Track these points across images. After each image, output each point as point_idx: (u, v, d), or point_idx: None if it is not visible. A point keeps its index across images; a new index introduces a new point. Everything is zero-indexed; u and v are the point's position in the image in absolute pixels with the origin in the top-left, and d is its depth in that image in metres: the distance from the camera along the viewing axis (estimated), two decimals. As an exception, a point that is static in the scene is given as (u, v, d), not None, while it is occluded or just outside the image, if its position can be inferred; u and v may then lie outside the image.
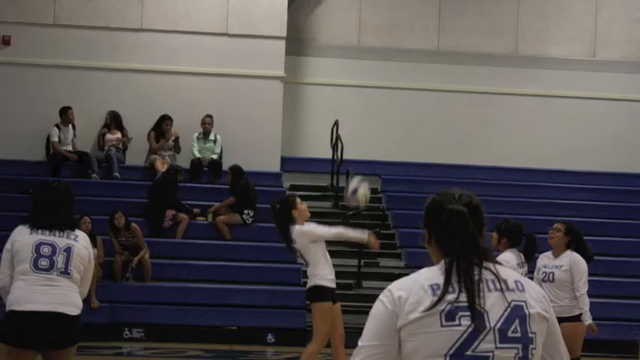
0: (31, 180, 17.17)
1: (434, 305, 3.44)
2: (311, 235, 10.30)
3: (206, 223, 17.78)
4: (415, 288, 3.50)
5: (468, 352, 3.42)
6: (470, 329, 3.43)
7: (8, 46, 18.80)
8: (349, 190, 10.91)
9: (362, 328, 3.54)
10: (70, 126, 18.52)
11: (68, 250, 7.05)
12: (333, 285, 10.46)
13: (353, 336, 4.83)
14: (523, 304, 3.52)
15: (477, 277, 3.49)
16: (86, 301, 8.48)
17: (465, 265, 3.51)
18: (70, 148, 18.49)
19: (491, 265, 3.56)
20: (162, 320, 16.06)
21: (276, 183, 19.02)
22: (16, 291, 6.96)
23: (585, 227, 12.33)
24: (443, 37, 20.63)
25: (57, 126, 18.37)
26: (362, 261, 17.20)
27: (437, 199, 3.66)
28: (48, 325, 6.91)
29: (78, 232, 7.22)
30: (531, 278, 8.93)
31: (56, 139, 18.32)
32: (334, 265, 10.68)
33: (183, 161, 18.76)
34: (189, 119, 18.81)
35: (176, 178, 17.70)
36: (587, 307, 10.26)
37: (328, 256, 10.48)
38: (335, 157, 19.00)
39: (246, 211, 17.67)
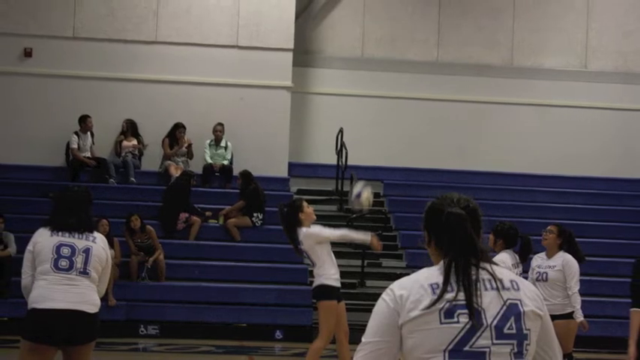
0: (52, 185, 17.20)
1: (433, 303, 3.44)
2: (317, 236, 10.29)
3: (217, 225, 17.77)
4: (416, 287, 3.50)
5: (466, 348, 3.42)
6: (468, 326, 3.43)
7: (30, 57, 18.82)
8: (353, 194, 10.91)
9: (365, 325, 3.54)
10: (89, 133, 18.53)
11: (87, 251, 7.05)
12: (338, 284, 10.44)
13: (357, 333, 4.83)
14: (518, 302, 3.52)
15: (474, 277, 3.50)
16: (104, 299, 8.47)
17: (463, 265, 3.51)
18: (88, 154, 18.50)
19: (487, 266, 3.56)
20: (176, 317, 16.06)
21: (283, 187, 19.02)
22: (38, 290, 6.96)
23: (577, 229, 12.30)
24: (442, 50, 20.63)
25: (76, 133, 18.38)
26: (365, 261, 17.18)
27: (436, 203, 3.66)
28: (68, 323, 6.90)
29: (96, 233, 7.22)
30: (526, 278, 8.92)
31: (75, 146, 18.33)
32: (339, 266, 10.67)
33: (196, 167, 18.77)
34: (201, 127, 18.82)
35: (189, 182, 17.70)
36: (578, 305, 10.25)
37: (333, 257, 10.47)
38: (340, 162, 19.00)
39: (255, 214, 17.67)
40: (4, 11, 18.78)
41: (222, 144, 18.97)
